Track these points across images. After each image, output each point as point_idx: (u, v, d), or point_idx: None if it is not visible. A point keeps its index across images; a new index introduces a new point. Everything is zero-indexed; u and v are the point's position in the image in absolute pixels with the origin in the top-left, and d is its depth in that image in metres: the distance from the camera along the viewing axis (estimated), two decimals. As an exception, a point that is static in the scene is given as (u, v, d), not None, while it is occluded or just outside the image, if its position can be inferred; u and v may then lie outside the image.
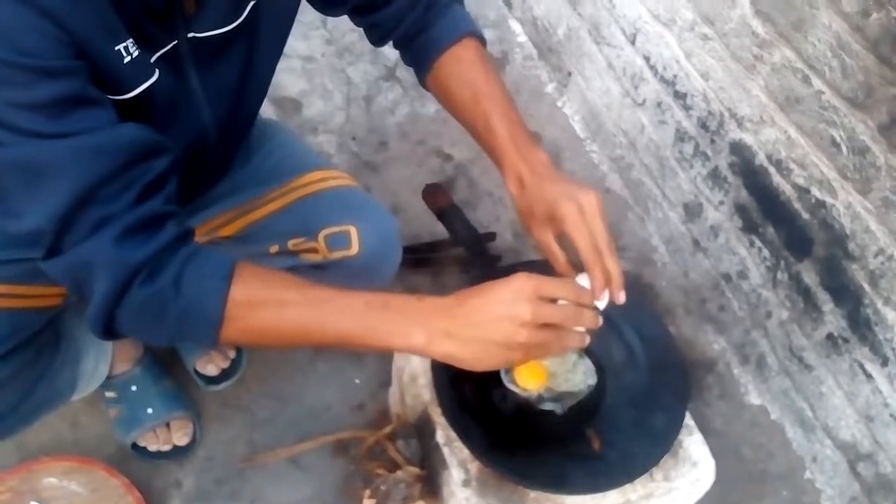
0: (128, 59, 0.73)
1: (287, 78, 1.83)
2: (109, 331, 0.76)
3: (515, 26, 2.06)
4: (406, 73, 1.86)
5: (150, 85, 0.77)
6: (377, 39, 1.06)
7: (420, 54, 1.02)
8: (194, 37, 0.81)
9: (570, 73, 1.86)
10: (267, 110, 1.72)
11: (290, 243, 1.06)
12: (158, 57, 0.78)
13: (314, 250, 1.04)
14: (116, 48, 0.72)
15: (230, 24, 0.84)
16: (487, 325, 0.73)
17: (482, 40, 1.03)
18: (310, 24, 1.94)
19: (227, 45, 0.86)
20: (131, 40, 0.73)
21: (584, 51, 1.77)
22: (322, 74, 1.86)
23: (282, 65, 1.97)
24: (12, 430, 1.03)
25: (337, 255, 1.03)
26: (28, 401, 0.99)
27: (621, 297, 0.85)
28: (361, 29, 1.07)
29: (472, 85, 0.97)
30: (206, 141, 0.93)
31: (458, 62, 0.99)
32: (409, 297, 0.77)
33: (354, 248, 1.02)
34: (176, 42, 0.79)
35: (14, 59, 0.64)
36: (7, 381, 0.93)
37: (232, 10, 0.84)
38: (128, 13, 0.72)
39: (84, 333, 1.16)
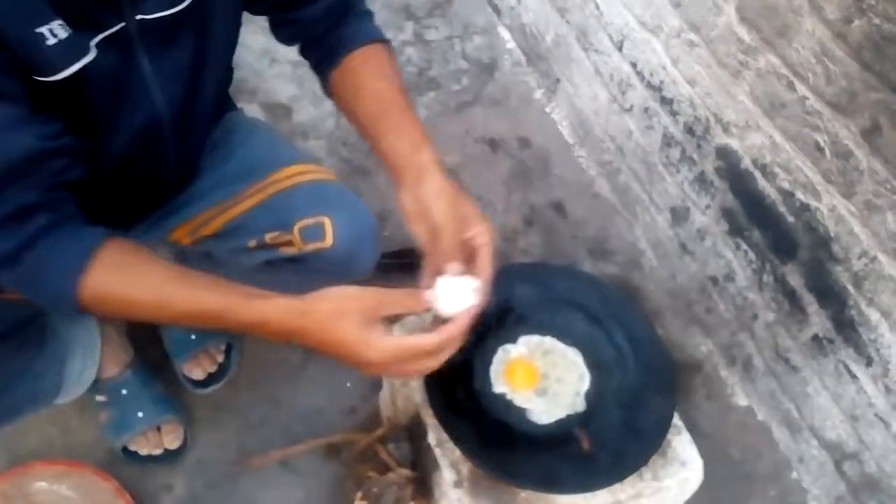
0: (53, 41, 0.73)
1: (277, 83, 1.83)
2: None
3: (504, 33, 2.08)
4: (396, 79, 1.87)
5: (85, 66, 0.77)
6: (289, 38, 1.05)
7: (331, 49, 1.01)
8: (143, 19, 0.81)
9: (558, 80, 1.88)
10: (257, 115, 1.73)
11: (268, 237, 1.05)
12: (103, 38, 0.78)
13: (290, 243, 1.03)
14: (38, 30, 0.72)
15: (177, 6, 0.83)
16: (341, 359, 0.82)
17: (393, 52, 1.04)
18: (300, 29, 1.94)
19: (178, 28, 0.86)
20: (59, 21, 0.73)
21: (573, 57, 1.79)
22: (312, 80, 1.81)
23: (272, 70, 1.95)
24: None
25: (311, 247, 1.02)
26: (8, 395, 1.00)
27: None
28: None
29: (389, 79, 0.97)
30: (160, 126, 0.92)
31: (376, 57, 0.99)
32: (253, 312, 0.80)
33: (328, 240, 1.01)
34: (124, 24, 0.79)
35: None
36: None
37: None
38: None
39: (72, 336, 1.16)
